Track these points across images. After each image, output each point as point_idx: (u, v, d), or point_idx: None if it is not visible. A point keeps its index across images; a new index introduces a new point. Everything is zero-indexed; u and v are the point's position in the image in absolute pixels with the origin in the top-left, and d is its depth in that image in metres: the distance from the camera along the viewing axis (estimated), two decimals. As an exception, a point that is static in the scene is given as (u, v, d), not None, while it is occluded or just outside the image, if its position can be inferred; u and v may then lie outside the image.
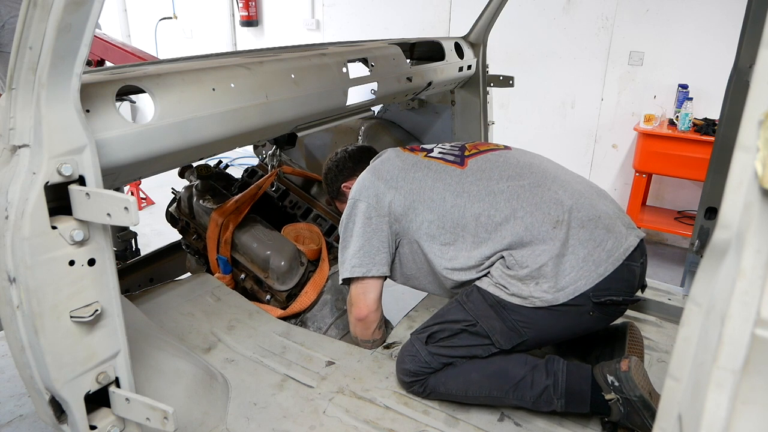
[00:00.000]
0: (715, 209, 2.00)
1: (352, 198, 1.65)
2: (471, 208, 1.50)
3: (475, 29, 2.51)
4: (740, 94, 1.86)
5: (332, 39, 4.95)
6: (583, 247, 1.40)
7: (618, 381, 1.30)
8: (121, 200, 0.94)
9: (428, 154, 1.70)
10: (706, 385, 0.43)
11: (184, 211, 2.26)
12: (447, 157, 1.66)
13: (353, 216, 1.63)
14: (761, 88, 0.42)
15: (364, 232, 1.60)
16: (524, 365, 1.44)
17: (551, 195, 1.47)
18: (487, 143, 1.78)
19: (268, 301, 1.94)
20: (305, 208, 2.29)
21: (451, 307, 1.54)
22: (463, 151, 1.69)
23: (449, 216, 1.52)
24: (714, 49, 3.47)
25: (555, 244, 1.40)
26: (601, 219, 1.44)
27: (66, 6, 0.87)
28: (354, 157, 1.89)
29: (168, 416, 1.07)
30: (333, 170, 1.91)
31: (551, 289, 1.38)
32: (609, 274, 1.38)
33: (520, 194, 1.49)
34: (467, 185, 1.54)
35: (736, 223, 0.43)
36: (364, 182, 1.66)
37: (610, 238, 1.42)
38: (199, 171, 2.29)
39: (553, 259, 1.38)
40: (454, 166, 1.61)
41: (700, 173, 2.17)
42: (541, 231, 1.42)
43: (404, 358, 1.54)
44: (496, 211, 1.47)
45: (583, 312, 1.40)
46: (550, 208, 1.45)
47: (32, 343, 0.99)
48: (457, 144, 1.77)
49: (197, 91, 1.29)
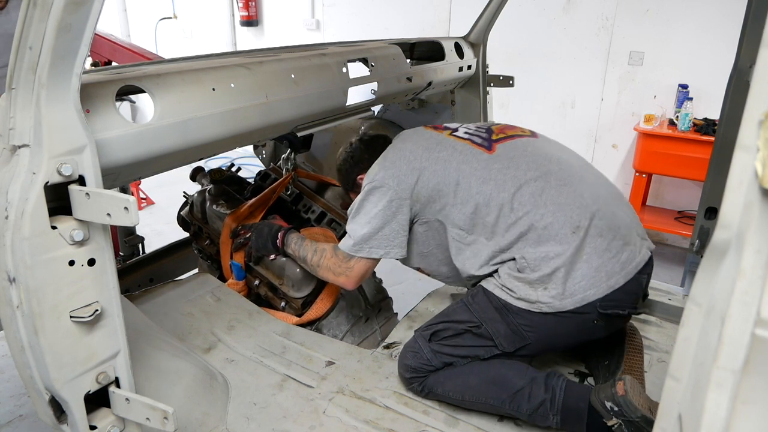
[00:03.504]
0: (715, 209, 2.00)
1: (372, 180, 1.57)
2: (496, 197, 1.45)
3: (475, 29, 2.51)
4: (740, 94, 1.86)
5: (332, 39, 4.95)
6: (598, 257, 1.37)
7: (617, 406, 1.29)
8: (121, 200, 0.94)
9: (453, 133, 1.63)
10: (706, 385, 0.43)
11: (197, 215, 2.24)
12: (474, 138, 1.59)
13: (371, 196, 1.56)
14: (761, 88, 0.42)
15: (384, 215, 1.54)
16: (524, 376, 1.42)
17: (576, 197, 1.44)
18: (514, 127, 1.71)
19: (283, 308, 1.93)
20: (319, 213, 2.25)
21: (456, 307, 1.54)
22: (490, 134, 1.62)
23: (472, 202, 1.48)
24: (714, 49, 3.47)
25: (570, 249, 1.37)
26: (620, 229, 1.42)
27: (66, 6, 0.87)
28: (370, 148, 1.81)
29: (168, 416, 1.07)
30: (348, 162, 1.84)
31: (559, 295, 1.36)
32: (619, 287, 1.37)
33: (546, 190, 1.44)
34: (494, 172, 1.49)
35: (736, 223, 0.43)
36: (384, 163, 1.59)
37: (625, 250, 1.40)
38: (212, 175, 2.27)
39: (566, 266, 1.36)
40: (482, 150, 1.54)
41: (700, 173, 2.17)
42: (559, 233, 1.39)
43: (406, 353, 1.55)
44: (519, 205, 1.44)
45: (587, 320, 1.39)
46: (573, 211, 1.41)
47: (32, 343, 0.99)
48: (483, 125, 1.69)
49: (197, 91, 1.29)
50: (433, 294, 2.12)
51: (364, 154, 1.80)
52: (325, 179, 2.46)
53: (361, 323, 1.92)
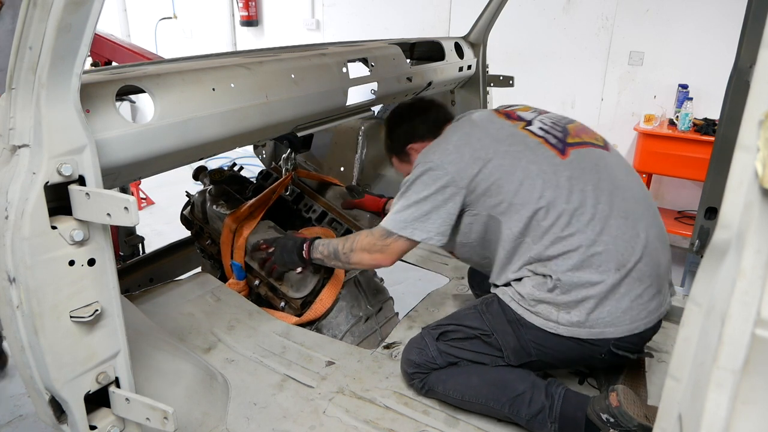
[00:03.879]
0: (715, 209, 2.00)
1: (430, 161, 1.48)
2: (558, 205, 1.38)
3: (475, 29, 2.51)
4: (740, 94, 1.86)
5: (332, 39, 4.95)
6: (629, 300, 1.36)
7: (613, 417, 1.29)
8: (121, 200, 0.94)
9: (527, 127, 1.52)
10: (706, 385, 0.43)
11: (198, 215, 2.25)
12: (549, 138, 1.49)
13: (425, 177, 1.48)
14: (761, 88, 0.42)
15: (435, 199, 1.47)
16: (525, 381, 1.42)
17: (632, 234, 1.38)
18: (587, 130, 1.60)
19: (283, 308, 1.93)
20: (320, 212, 2.25)
21: (468, 313, 1.52)
22: (566, 134, 1.52)
23: (532, 205, 1.40)
24: (714, 49, 3.47)
25: (607, 283, 1.34)
26: (658, 277, 1.41)
27: (66, 6, 0.87)
28: (430, 120, 1.66)
29: (168, 416, 1.07)
30: (403, 127, 1.70)
31: (580, 323, 1.35)
32: (639, 332, 1.37)
33: (608, 219, 1.38)
34: (563, 179, 1.41)
35: (736, 223, 0.43)
36: (447, 146, 1.50)
37: (656, 299, 1.40)
38: (212, 175, 2.27)
39: (597, 298, 1.34)
40: (555, 152, 1.45)
41: (700, 173, 2.17)
42: (603, 265, 1.35)
43: (411, 349, 1.54)
44: (578, 222, 1.37)
45: (596, 352, 1.39)
46: (626, 249, 1.36)
47: (32, 343, 0.99)
48: (559, 121, 1.57)
49: (197, 91, 1.29)
50: (433, 294, 2.12)
51: (423, 125, 1.67)
52: (326, 179, 2.46)
53: (361, 323, 1.92)
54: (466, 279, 2.11)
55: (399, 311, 2.09)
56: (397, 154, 1.76)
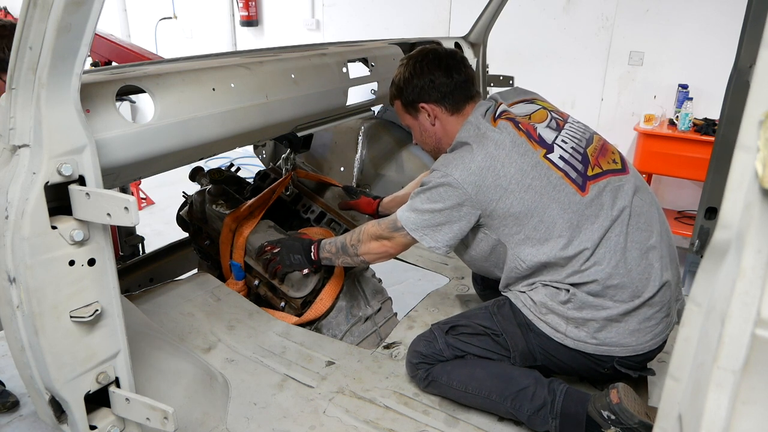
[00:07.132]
0: (715, 209, 2.00)
1: (450, 175, 1.42)
2: (576, 243, 1.39)
3: (475, 29, 2.51)
4: (740, 94, 1.86)
5: (332, 39, 4.94)
6: (638, 323, 1.39)
7: (614, 414, 1.30)
8: (121, 200, 0.94)
9: (547, 155, 1.45)
10: (706, 385, 0.43)
11: (197, 215, 2.24)
12: (569, 171, 1.44)
13: (443, 190, 1.43)
14: (761, 88, 0.42)
15: (450, 215, 1.44)
16: (529, 376, 1.45)
17: (648, 266, 1.41)
18: (605, 152, 1.54)
19: (283, 308, 1.93)
20: (319, 213, 2.25)
21: (479, 313, 1.55)
22: (586, 165, 1.47)
23: (552, 244, 1.41)
24: (714, 49, 3.47)
25: (620, 309, 1.38)
26: (668, 303, 1.43)
27: (66, 6, 0.87)
28: (455, 88, 1.54)
29: (168, 416, 1.07)
30: (424, 79, 1.54)
31: (587, 337, 1.39)
32: (643, 353, 1.41)
33: (626, 252, 1.40)
34: (583, 219, 1.40)
35: (736, 223, 0.43)
36: (470, 165, 1.41)
37: (663, 322, 1.43)
38: (211, 175, 2.27)
39: (608, 320, 1.38)
40: (575, 189, 1.42)
41: (700, 173, 2.17)
42: (618, 294, 1.38)
43: (420, 341, 1.57)
44: (596, 258, 1.39)
45: (599, 366, 1.43)
46: (641, 281, 1.39)
47: (32, 343, 0.99)
48: (578, 146, 1.50)
49: (197, 91, 1.29)
50: (433, 294, 2.12)
51: (443, 87, 1.54)
52: (325, 179, 2.46)
53: (361, 323, 1.92)
54: (466, 279, 2.11)
55: (399, 311, 2.09)
56: (404, 102, 1.61)
